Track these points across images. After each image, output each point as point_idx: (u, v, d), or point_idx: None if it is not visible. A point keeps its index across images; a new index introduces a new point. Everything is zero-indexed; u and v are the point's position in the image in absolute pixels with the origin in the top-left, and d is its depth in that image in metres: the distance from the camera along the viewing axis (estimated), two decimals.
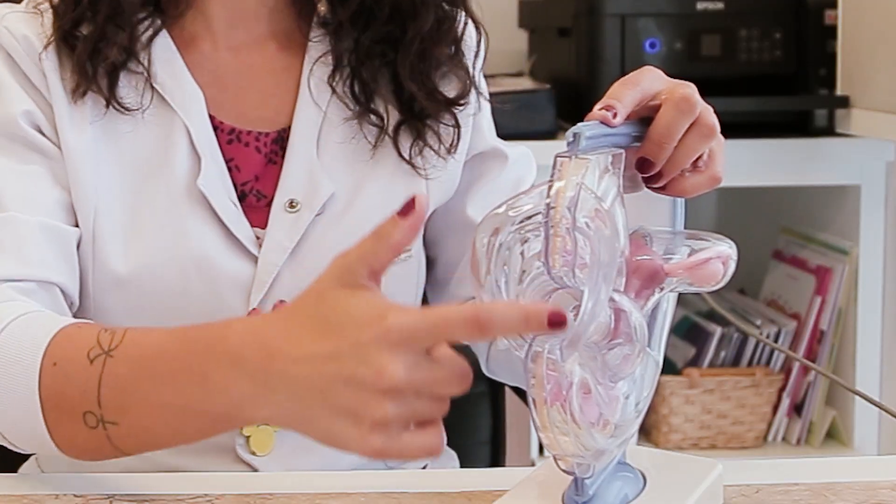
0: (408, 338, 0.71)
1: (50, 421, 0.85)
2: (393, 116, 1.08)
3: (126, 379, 0.82)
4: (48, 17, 1.04)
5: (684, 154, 0.83)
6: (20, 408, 0.85)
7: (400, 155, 1.07)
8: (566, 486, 0.79)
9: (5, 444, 0.90)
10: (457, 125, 1.09)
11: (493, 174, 1.13)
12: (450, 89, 1.10)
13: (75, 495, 0.87)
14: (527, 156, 1.17)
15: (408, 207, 0.74)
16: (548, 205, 0.71)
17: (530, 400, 0.72)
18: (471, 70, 1.12)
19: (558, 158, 0.72)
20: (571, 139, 0.73)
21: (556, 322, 0.69)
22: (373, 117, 1.07)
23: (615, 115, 0.78)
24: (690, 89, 0.82)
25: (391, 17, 1.07)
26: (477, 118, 1.13)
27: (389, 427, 0.72)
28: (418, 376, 0.71)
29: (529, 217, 0.73)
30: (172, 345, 0.81)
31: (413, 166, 1.08)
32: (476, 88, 1.12)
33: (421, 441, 0.74)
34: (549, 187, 0.72)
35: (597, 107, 0.78)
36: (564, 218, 0.71)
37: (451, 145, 1.09)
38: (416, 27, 1.07)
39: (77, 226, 1.02)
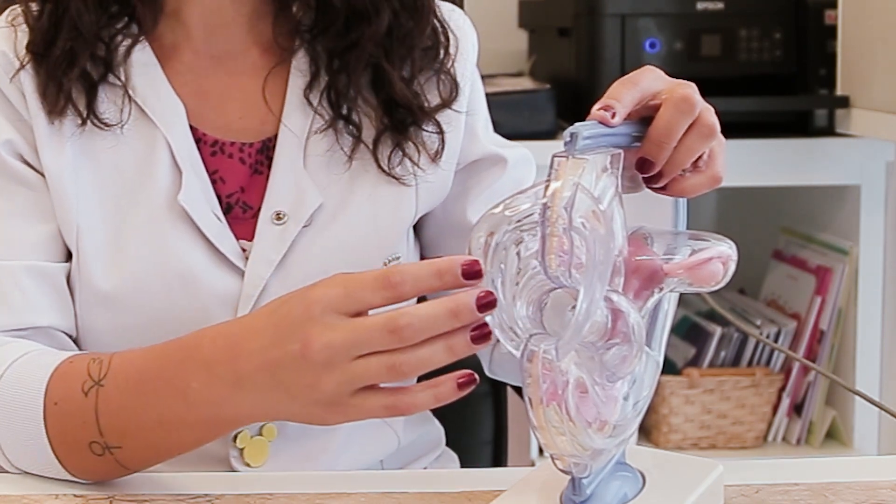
0: (326, 307, 0.76)
1: (61, 456, 0.88)
2: (373, 127, 1.05)
3: (118, 404, 0.86)
4: (22, 32, 1.01)
5: (684, 154, 0.82)
6: (34, 448, 0.89)
7: (379, 166, 1.04)
8: (564, 486, 0.79)
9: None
10: (440, 132, 1.06)
11: (491, 179, 1.11)
12: (433, 96, 1.07)
13: (75, 495, 0.88)
14: (526, 158, 1.14)
15: None
16: (544, 204, 0.71)
17: (526, 399, 0.73)
18: (460, 71, 1.08)
19: (555, 158, 0.72)
20: (569, 139, 0.73)
21: (471, 273, 0.73)
22: (349, 127, 1.04)
23: (614, 115, 0.77)
24: (691, 89, 0.82)
25: (347, 22, 1.03)
26: (471, 122, 1.10)
27: (343, 398, 0.77)
28: (339, 337, 0.75)
29: (526, 217, 0.74)
30: (154, 363, 0.86)
31: (394, 177, 1.05)
32: (458, 90, 1.07)
33: (374, 401, 0.77)
34: (546, 187, 0.72)
35: (595, 107, 0.78)
36: (561, 218, 0.70)
37: (435, 153, 1.06)
38: (373, 30, 1.03)
39: (69, 252, 1.01)
